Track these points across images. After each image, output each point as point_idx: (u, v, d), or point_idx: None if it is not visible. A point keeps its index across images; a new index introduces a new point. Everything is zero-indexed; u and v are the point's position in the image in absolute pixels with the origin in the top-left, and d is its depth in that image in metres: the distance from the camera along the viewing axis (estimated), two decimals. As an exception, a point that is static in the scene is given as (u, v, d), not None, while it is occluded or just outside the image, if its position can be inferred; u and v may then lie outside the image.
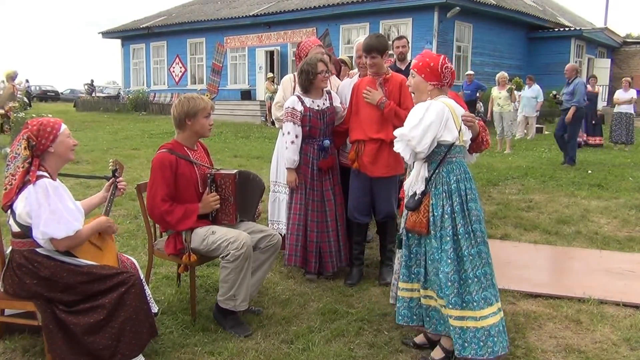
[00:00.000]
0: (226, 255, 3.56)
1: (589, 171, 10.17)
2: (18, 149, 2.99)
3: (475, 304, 3.12)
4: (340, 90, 4.86)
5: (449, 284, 3.13)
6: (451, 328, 3.16)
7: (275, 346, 3.49)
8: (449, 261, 3.14)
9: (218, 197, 3.74)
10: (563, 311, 4.04)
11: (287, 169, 4.64)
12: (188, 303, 3.97)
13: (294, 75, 5.01)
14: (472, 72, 16.65)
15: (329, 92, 4.69)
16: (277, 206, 5.10)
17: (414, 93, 3.39)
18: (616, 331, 3.75)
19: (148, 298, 3.32)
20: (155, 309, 3.49)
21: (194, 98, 3.69)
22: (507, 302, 4.20)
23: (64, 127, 3.10)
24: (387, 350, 3.47)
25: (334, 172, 4.73)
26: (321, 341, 3.54)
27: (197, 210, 3.66)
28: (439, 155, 3.21)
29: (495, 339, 3.12)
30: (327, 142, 4.59)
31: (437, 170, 3.22)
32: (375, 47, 4.33)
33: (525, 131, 16.75)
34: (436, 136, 3.14)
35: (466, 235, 3.16)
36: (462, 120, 3.24)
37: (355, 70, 5.20)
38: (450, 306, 3.14)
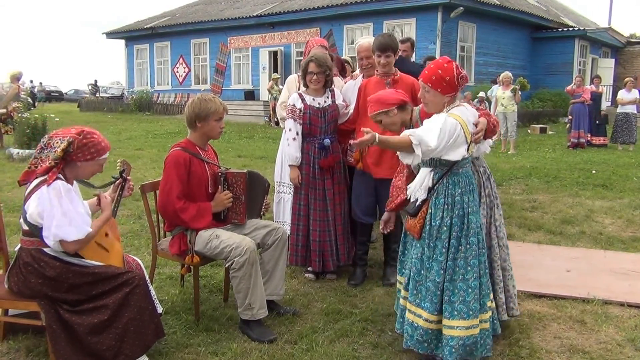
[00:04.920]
0: (231, 264, 3.55)
1: (593, 171, 10.15)
2: (57, 143, 2.97)
3: (451, 312, 3.12)
4: (343, 91, 4.83)
5: (438, 292, 3.15)
6: (428, 331, 3.17)
7: (278, 346, 3.48)
8: (442, 272, 3.15)
9: (231, 195, 3.76)
10: (567, 311, 4.03)
11: (289, 166, 4.65)
12: (191, 303, 3.97)
13: (299, 75, 5.02)
14: None
15: (332, 90, 4.67)
16: (282, 207, 5.10)
17: (427, 105, 3.27)
18: (621, 332, 3.74)
19: (153, 298, 3.32)
20: (160, 309, 3.49)
21: (207, 100, 3.67)
22: (511, 302, 4.20)
23: (107, 154, 3.12)
24: (390, 350, 3.46)
25: (336, 171, 4.69)
26: (325, 341, 3.54)
27: (210, 209, 3.69)
28: (445, 167, 3.17)
29: (446, 348, 3.12)
30: (327, 140, 4.56)
31: (441, 180, 3.18)
32: (390, 46, 4.31)
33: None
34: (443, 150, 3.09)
35: (460, 247, 3.15)
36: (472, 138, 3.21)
37: (357, 71, 5.19)
38: (428, 311, 3.15)
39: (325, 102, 4.58)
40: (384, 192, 4.37)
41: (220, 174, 3.78)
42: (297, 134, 4.57)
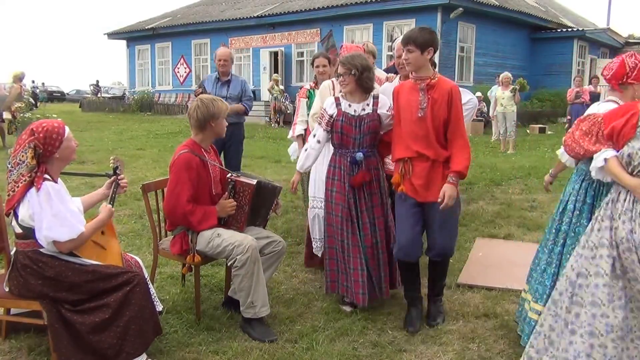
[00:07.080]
0: (233, 262, 3.58)
1: (593, 171, 10.13)
2: (23, 156, 2.95)
3: None
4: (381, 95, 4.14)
5: None
6: None
7: (279, 345, 3.51)
8: None
9: (235, 204, 3.77)
10: (566, 311, 4.04)
11: (297, 170, 4.13)
12: (193, 302, 3.99)
13: (333, 81, 4.64)
14: None
15: (375, 97, 3.96)
16: (317, 222, 4.62)
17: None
18: (619, 331, 3.75)
19: (153, 297, 3.35)
20: (160, 307, 3.52)
21: (215, 100, 3.75)
22: (510, 301, 4.22)
23: (67, 130, 3.10)
24: (390, 349, 3.49)
25: (375, 191, 3.98)
26: (325, 340, 3.56)
27: (215, 213, 3.71)
28: None
29: None
30: (360, 155, 3.87)
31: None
32: (413, 39, 3.57)
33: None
34: None
35: None
36: None
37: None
38: None
39: (363, 110, 3.88)
40: (433, 220, 3.73)
41: (230, 180, 3.80)
42: (319, 142, 4.00)
